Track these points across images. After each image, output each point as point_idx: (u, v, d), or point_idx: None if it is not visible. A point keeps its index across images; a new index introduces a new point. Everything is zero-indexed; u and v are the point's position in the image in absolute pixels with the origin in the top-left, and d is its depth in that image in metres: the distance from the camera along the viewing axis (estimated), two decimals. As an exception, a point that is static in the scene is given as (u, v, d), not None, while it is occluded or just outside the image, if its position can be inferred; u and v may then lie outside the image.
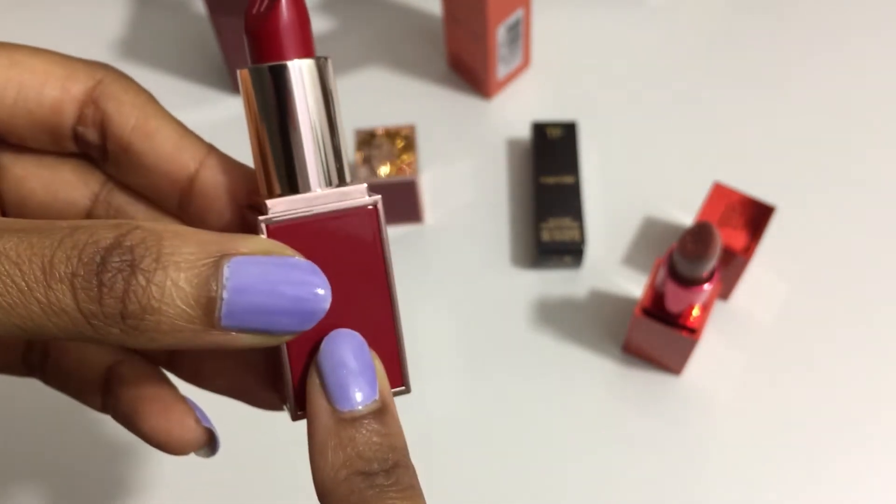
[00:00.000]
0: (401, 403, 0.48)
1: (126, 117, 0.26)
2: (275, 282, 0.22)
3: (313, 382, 0.24)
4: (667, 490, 0.50)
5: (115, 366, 0.29)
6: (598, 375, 0.54)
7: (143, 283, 0.20)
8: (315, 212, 0.24)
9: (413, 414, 0.53)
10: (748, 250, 0.51)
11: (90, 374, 0.29)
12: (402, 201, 0.57)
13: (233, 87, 0.64)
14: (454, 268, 0.58)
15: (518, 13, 0.59)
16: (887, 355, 0.54)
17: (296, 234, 0.24)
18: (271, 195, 0.24)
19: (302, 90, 0.24)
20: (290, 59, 0.24)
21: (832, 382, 0.53)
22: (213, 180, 0.26)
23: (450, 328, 0.56)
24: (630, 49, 0.66)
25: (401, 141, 0.55)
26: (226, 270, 0.21)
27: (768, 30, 0.66)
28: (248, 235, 0.22)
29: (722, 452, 0.51)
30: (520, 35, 0.61)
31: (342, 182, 0.25)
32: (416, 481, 0.24)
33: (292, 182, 0.24)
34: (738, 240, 0.52)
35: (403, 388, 0.27)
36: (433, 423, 0.53)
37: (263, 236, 0.23)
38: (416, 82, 0.65)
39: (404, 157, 0.55)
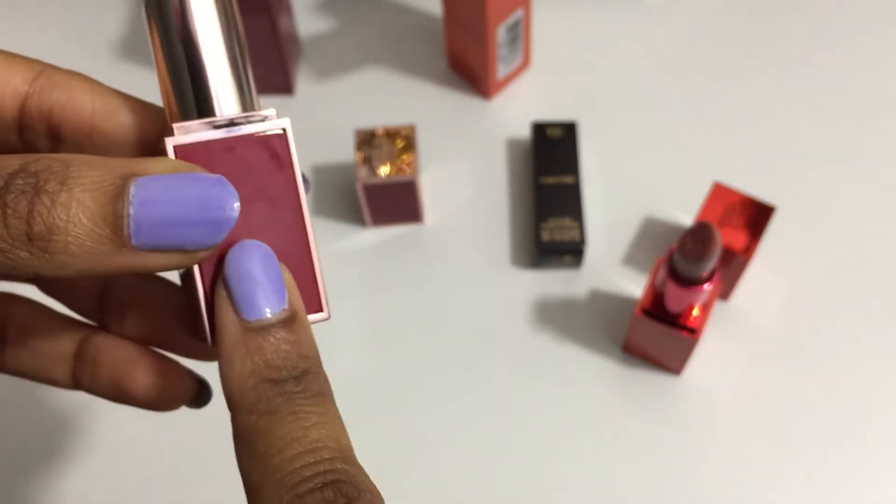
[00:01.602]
0: (401, 402, 0.48)
1: (81, 100, 0.26)
2: (180, 194, 0.22)
3: (220, 294, 0.23)
4: (667, 490, 0.50)
5: (86, 339, 0.30)
6: (598, 375, 0.54)
7: (48, 202, 0.20)
8: (222, 135, 0.24)
9: (411, 413, 0.53)
10: (748, 250, 0.51)
11: (59, 350, 0.29)
12: (402, 201, 0.57)
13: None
14: (454, 268, 0.58)
15: (518, 13, 0.59)
16: (887, 355, 0.54)
17: (204, 154, 0.24)
18: (178, 120, 0.25)
19: (202, 19, 0.24)
20: None
21: (832, 382, 0.53)
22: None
23: (450, 328, 0.56)
24: (630, 49, 0.66)
25: (401, 141, 0.55)
26: (132, 189, 0.21)
27: (768, 29, 0.66)
28: (156, 157, 0.23)
29: (722, 452, 0.51)
30: (520, 35, 0.61)
31: (250, 108, 0.25)
32: (328, 389, 0.24)
33: (200, 107, 0.24)
34: (738, 240, 0.52)
35: (323, 313, 0.26)
36: (433, 422, 0.53)
37: (171, 157, 0.24)
38: (416, 82, 0.65)
39: (404, 157, 0.55)
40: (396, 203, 0.57)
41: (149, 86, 0.27)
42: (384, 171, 0.55)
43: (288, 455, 0.22)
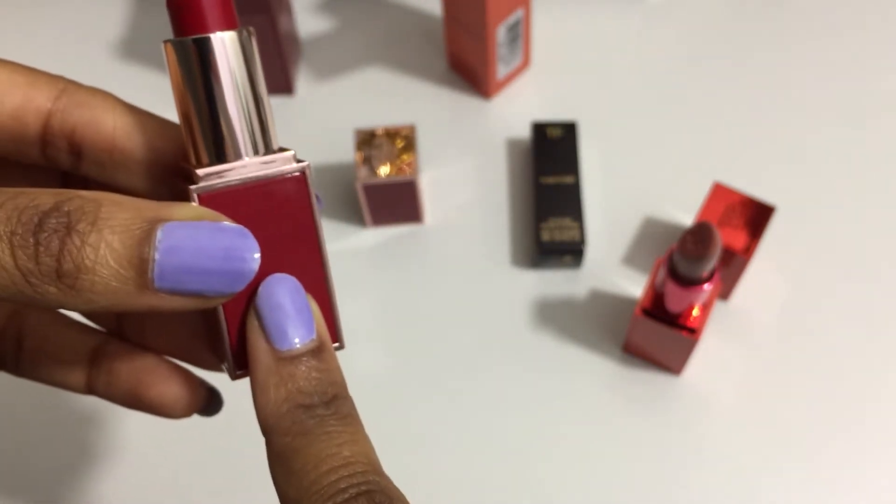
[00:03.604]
0: (401, 402, 0.48)
1: (103, 120, 0.26)
2: (205, 244, 0.23)
3: (252, 325, 0.25)
4: (667, 490, 0.50)
5: (101, 346, 0.30)
6: (598, 375, 0.54)
7: (78, 243, 0.21)
8: (244, 179, 0.25)
9: (412, 413, 0.53)
10: (748, 250, 0.51)
11: (75, 357, 0.30)
12: (402, 201, 0.57)
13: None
14: (454, 268, 0.58)
15: (518, 13, 0.59)
16: (887, 355, 0.54)
17: (226, 201, 0.25)
18: (201, 165, 0.25)
19: (225, 62, 0.24)
20: (213, 31, 0.24)
21: (832, 382, 0.53)
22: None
23: (450, 328, 0.56)
24: (630, 49, 0.66)
25: (401, 141, 0.55)
26: (159, 234, 0.22)
27: (768, 29, 0.66)
28: (182, 203, 0.23)
29: (722, 452, 0.51)
30: (520, 35, 0.61)
31: (270, 150, 0.26)
32: (355, 411, 0.25)
33: (221, 151, 0.25)
34: (738, 240, 0.52)
35: (338, 344, 0.27)
36: (432, 422, 0.53)
37: (195, 203, 0.24)
38: (416, 82, 0.65)
39: (404, 157, 0.55)
40: (396, 203, 0.57)
41: (148, 86, 0.27)
42: (384, 171, 0.55)
43: (323, 470, 0.23)
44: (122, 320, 0.31)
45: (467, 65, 0.63)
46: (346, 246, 0.59)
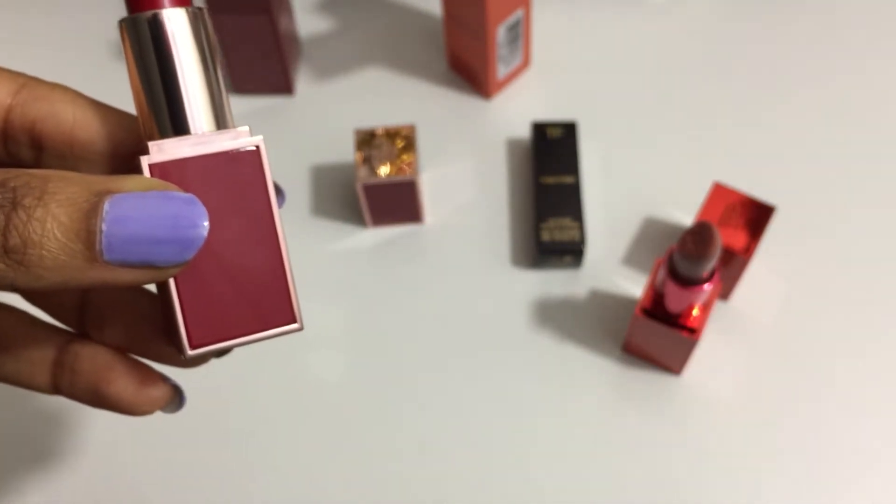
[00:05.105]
0: (401, 402, 0.48)
1: (63, 112, 0.26)
2: (153, 213, 0.23)
3: None
4: (667, 490, 0.50)
5: (66, 345, 0.30)
6: (598, 375, 0.54)
7: (24, 217, 0.21)
8: (196, 152, 0.25)
9: (412, 413, 0.53)
10: (748, 250, 0.51)
11: (40, 356, 0.30)
12: (402, 201, 0.57)
13: (233, 85, 0.64)
14: (454, 268, 0.58)
15: (518, 13, 0.59)
16: (887, 354, 0.54)
17: (178, 172, 0.25)
18: (153, 139, 0.25)
19: (176, 37, 0.25)
20: (164, 8, 0.25)
21: (832, 382, 0.53)
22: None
23: (449, 328, 0.56)
24: (630, 49, 0.66)
25: (401, 141, 0.55)
26: (106, 205, 0.22)
27: (768, 29, 0.66)
28: (131, 175, 0.23)
29: (722, 452, 0.51)
30: (520, 35, 0.61)
31: (224, 125, 0.26)
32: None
33: (174, 125, 0.25)
34: (738, 240, 0.52)
35: (296, 324, 0.27)
36: (432, 422, 0.53)
37: (146, 175, 0.24)
38: (416, 82, 0.65)
39: (404, 157, 0.55)
40: (396, 203, 0.57)
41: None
42: (384, 171, 0.55)
43: None
44: (84, 315, 0.31)
45: (467, 65, 0.63)
46: (346, 246, 0.59)
